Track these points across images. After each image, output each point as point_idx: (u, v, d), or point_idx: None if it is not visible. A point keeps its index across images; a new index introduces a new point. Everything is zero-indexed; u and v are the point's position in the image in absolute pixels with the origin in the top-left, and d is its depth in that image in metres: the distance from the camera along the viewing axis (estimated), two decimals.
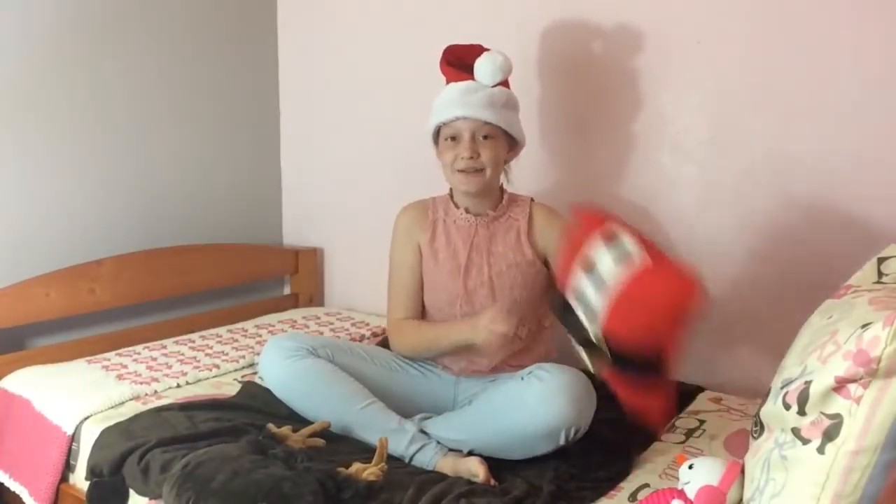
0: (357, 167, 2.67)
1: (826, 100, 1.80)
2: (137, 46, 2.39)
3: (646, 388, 1.42)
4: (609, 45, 2.09)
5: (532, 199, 1.88)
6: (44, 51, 2.19)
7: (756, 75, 1.89)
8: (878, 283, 1.26)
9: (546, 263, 1.81)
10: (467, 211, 1.83)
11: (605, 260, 1.39)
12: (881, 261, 1.30)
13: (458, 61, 1.78)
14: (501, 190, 1.87)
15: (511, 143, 1.81)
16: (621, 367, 1.40)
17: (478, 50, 1.79)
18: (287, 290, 2.83)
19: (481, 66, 1.74)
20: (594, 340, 1.43)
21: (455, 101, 1.74)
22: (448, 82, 1.79)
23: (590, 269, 1.41)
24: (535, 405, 1.50)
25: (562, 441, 1.50)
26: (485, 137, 1.74)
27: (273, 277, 2.81)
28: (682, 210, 2.04)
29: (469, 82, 1.75)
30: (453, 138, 1.75)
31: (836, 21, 1.77)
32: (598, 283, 1.39)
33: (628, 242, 1.40)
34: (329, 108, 2.70)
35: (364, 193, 2.66)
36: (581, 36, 2.12)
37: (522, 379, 1.58)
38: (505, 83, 1.80)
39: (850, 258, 1.57)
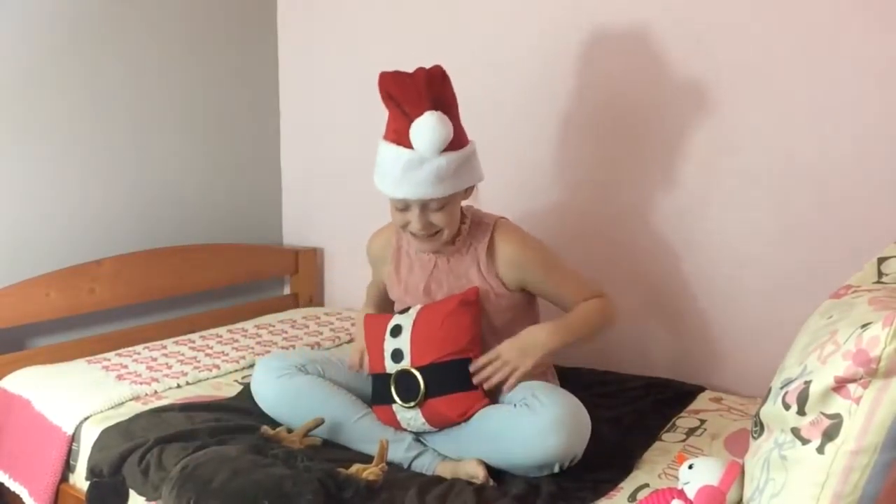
0: (357, 167, 2.66)
1: (826, 100, 1.80)
2: (137, 46, 2.39)
3: (460, 398, 1.59)
4: (607, 45, 2.09)
5: (497, 221, 1.73)
6: (44, 51, 2.19)
7: (756, 75, 1.89)
8: (877, 282, 1.26)
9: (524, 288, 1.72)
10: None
11: (396, 317, 1.68)
12: (881, 261, 1.30)
13: (390, 99, 1.62)
14: (462, 217, 1.72)
15: (467, 189, 1.67)
16: (438, 387, 1.58)
17: (414, 91, 1.59)
18: (287, 290, 2.83)
19: (419, 141, 1.56)
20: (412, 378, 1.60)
21: (399, 179, 1.58)
22: (387, 129, 1.64)
23: (392, 326, 1.67)
24: (528, 440, 1.47)
25: (556, 469, 1.49)
26: (436, 209, 1.61)
27: (273, 277, 2.81)
28: (682, 209, 2.04)
29: (410, 154, 1.56)
30: (401, 204, 1.63)
31: (836, 20, 1.77)
32: (403, 322, 1.66)
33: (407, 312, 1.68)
34: (329, 108, 2.70)
35: (364, 193, 2.64)
36: (581, 37, 2.12)
37: (515, 406, 1.53)
38: (455, 138, 1.59)
39: (850, 258, 1.57)
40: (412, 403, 1.58)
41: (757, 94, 1.89)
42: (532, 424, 1.47)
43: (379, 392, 1.65)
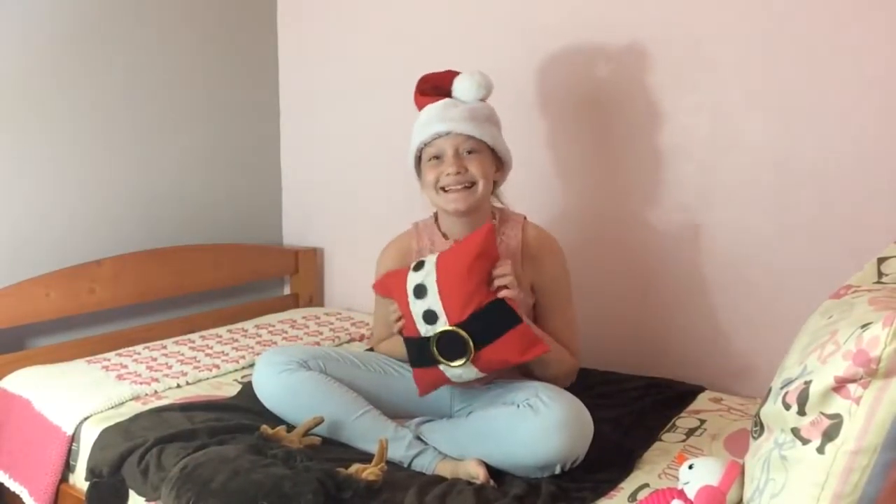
0: (357, 167, 2.67)
1: (826, 100, 1.80)
2: (137, 46, 2.39)
3: (513, 336, 1.51)
4: (607, 47, 2.08)
5: (525, 218, 1.79)
6: (44, 51, 2.19)
7: (756, 75, 1.89)
8: (877, 282, 1.26)
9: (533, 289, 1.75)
10: (446, 237, 1.75)
11: (414, 276, 1.57)
12: (881, 261, 1.30)
13: (434, 89, 1.72)
14: (493, 212, 1.78)
15: (498, 163, 1.73)
16: (485, 335, 1.50)
17: (453, 74, 1.73)
18: (287, 290, 2.83)
19: (460, 83, 1.69)
20: (446, 329, 1.52)
21: (434, 118, 1.67)
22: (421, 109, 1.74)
23: (413, 287, 1.56)
24: (530, 441, 1.47)
25: (557, 471, 1.48)
26: (469, 152, 1.66)
27: (273, 277, 2.81)
28: (682, 210, 2.04)
29: (447, 99, 1.69)
30: (436, 157, 1.68)
31: (836, 21, 1.77)
32: (424, 280, 1.55)
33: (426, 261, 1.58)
34: (329, 109, 2.71)
35: (364, 193, 2.66)
36: (579, 39, 2.12)
37: (518, 407, 1.53)
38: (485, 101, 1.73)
39: (849, 258, 1.57)
40: (462, 361, 1.51)
41: (757, 94, 1.89)
42: (535, 425, 1.47)
43: (418, 356, 1.57)
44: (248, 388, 1.89)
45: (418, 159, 1.74)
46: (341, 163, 2.70)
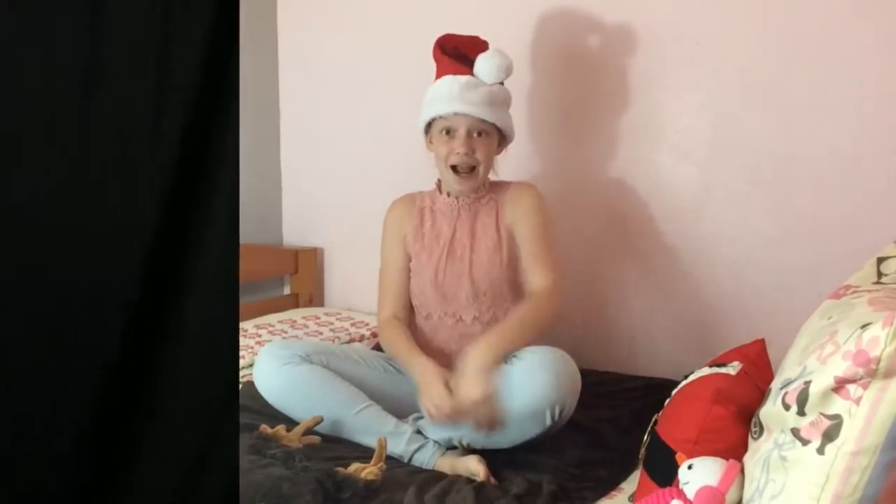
0: (357, 167, 2.67)
1: (826, 100, 1.80)
2: None
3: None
4: (607, 43, 2.09)
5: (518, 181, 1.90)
6: None
7: (756, 75, 1.89)
8: (877, 283, 1.26)
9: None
10: (449, 195, 1.85)
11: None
12: (880, 261, 1.30)
13: (456, 52, 1.78)
14: (486, 183, 1.87)
15: (501, 139, 1.83)
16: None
17: (478, 43, 1.80)
18: (287, 290, 2.83)
19: (485, 64, 1.75)
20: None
21: (455, 97, 1.74)
22: (440, 72, 1.79)
23: None
24: (517, 384, 1.52)
25: (548, 421, 1.51)
26: (479, 134, 1.76)
27: (273, 277, 2.81)
28: (681, 210, 2.04)
29: (469, 77, 1.75)
30: (448, 132, 1.76)
31: (835, 21, 1.77)
32: None
33: None
34: (329, 108, 2.70)
35: (364, 193, 2.66)
36: (579, 30, 2.13)
37: (506, 362, 1.60)
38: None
39: (849, 258, 1.56)
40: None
41: (757, 95, 1.89)
42: (521, 368, 1.55)
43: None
44: (247, 388, 1.89)
45: (428, 124, 1.81)
46: (341, 163, 2.70)
